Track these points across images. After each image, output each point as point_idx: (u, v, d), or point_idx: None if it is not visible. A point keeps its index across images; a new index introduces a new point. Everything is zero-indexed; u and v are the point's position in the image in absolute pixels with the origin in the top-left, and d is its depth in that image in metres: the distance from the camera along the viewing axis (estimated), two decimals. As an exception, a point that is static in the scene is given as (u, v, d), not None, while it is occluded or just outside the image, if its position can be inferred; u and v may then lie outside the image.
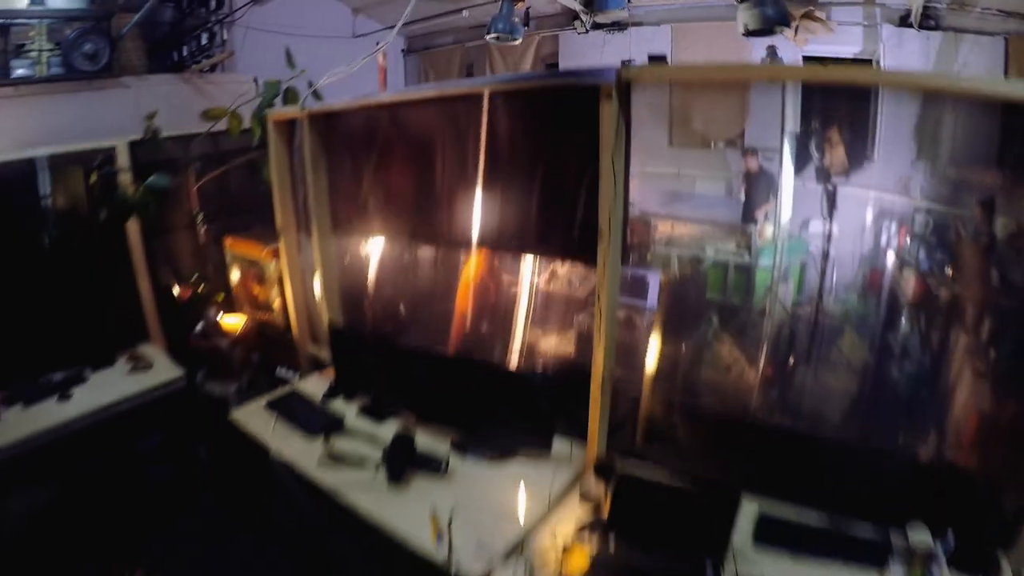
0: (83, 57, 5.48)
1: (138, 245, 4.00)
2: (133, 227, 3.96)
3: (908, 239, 2.47)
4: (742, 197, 3.42)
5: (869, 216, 2.56)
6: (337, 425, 2.66)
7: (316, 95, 3.18)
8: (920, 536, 1.62)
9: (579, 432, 2.29)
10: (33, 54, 5.52)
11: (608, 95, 1.94)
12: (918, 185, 2.50)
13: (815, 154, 2.75)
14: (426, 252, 3.42)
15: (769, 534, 1.81)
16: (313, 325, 3.54)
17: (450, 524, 1.84)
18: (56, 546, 3.24)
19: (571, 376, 2.48)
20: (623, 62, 5.43)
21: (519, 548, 1.91)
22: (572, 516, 2.02)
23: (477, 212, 2.56)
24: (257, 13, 6.19)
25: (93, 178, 3.75)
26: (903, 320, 2.46)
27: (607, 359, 2.15)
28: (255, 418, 2.78)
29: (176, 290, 4.04)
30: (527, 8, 5.80)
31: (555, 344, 2.90)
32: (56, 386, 3.40)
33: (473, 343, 3.09)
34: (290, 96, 3.39)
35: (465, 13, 6.63)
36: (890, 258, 2.57)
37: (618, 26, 5.83)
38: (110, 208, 3.73)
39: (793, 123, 2.78)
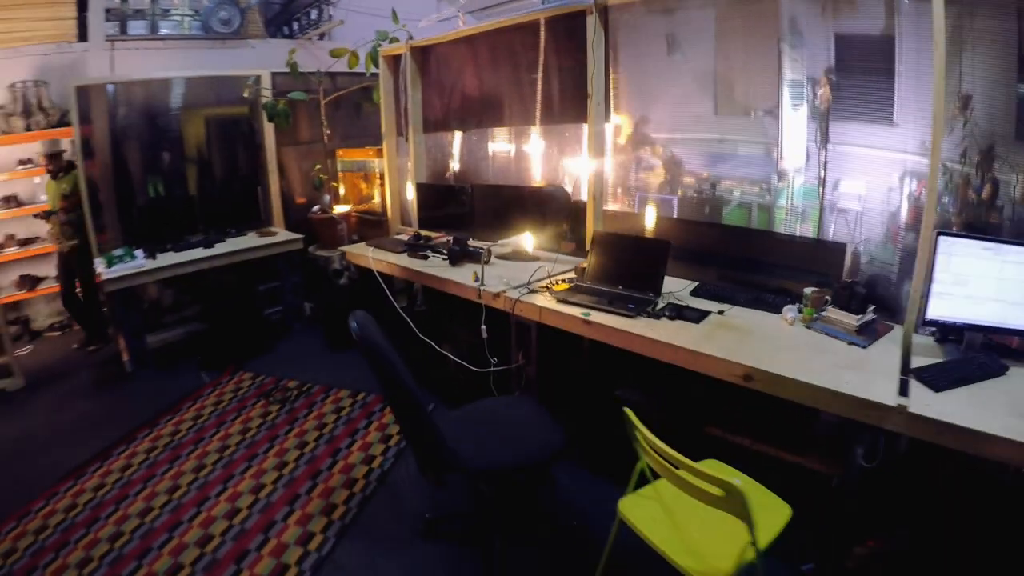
0: (219, 22, 6.97)
1: (272, 149, 5.36)
2: (269, 136, 5.32)
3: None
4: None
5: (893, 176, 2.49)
6: (419, 244, 3.86)
7: (410, 37, 4.45)
8: (814, 289, 2.38)
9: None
10: (176, 18, 7.04)
11: (591, 13, 3.01)
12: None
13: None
14: (483, 136, 4.42)
15: (701, 291, 2.92)
16: (403, 209, 4.78)
17: (482, 272, 3.04)
18: (193, 351, 4.62)
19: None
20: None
21: (526, 283, 2.99)
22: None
23: (520, 100, 3.77)
24: None
25: (247, 92, 5.09)
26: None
27: (598, 181, 3.30)
28: (361, 252, 4.00)
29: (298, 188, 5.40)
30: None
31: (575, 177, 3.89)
32: (202, 241, 4.70)
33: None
34: (392, 41, 4.66)
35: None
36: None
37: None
38: (257, 114, 5.13)
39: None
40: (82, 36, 5.99)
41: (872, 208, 2.57)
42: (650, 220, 3.20)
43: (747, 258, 2.87)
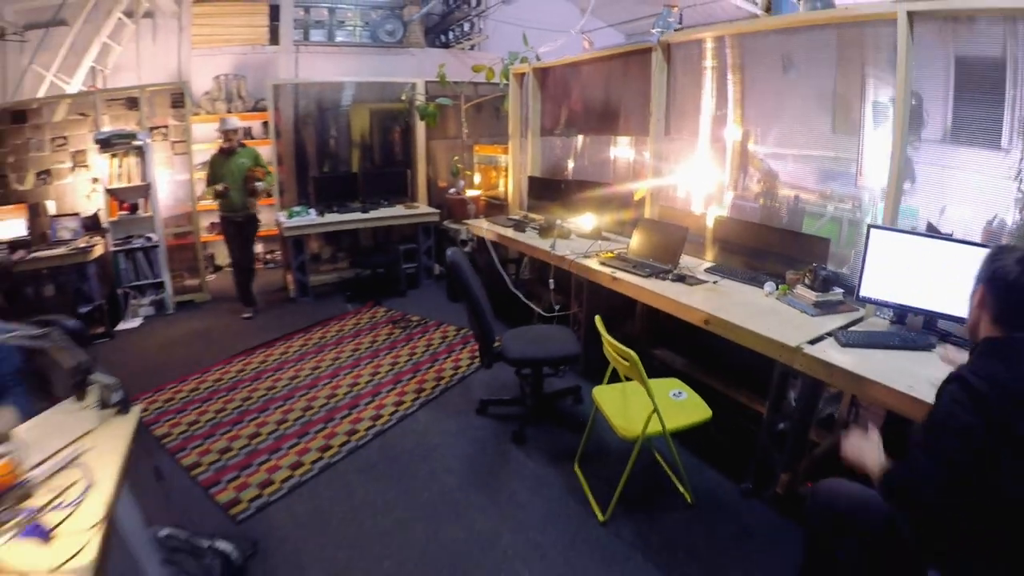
0: (385, 32, 8.50)
1: (422, 141, 6.71)
2: (420, 131, 6.65)
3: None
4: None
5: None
6: (521, 221, 4.90)
7: (538, 59, 5.49)
8: (793, 272, 3.26)
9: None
10: (349, 27, 8.66)
11: (655, 50, 3.86)
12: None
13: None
14: (605, 141, 5.27)
15: (713, 269, 3.60)
16: (520, 197, 5.86)
17: (554, 242, 4.01)
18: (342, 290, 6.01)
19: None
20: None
21: (584, 252, 3.89)
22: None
23: (608, 114, 4.67)
24: (505, 9, 8.32)
25: (404, 96, 6.46)
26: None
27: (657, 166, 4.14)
28: (481, 225, 5.13)
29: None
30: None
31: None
32: (360, 208, 6.07)
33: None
34: (522, 61, 5.73)
35: (675, 9, 8.41)
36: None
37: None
38: (412, 113, 6.47)
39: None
40: (273, 40, 7.69)
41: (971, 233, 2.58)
42: (704, 218, 3.96)
43: (763, 249, 3.55)
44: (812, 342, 2.45)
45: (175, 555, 2.29)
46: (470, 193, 6.33)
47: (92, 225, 5.46)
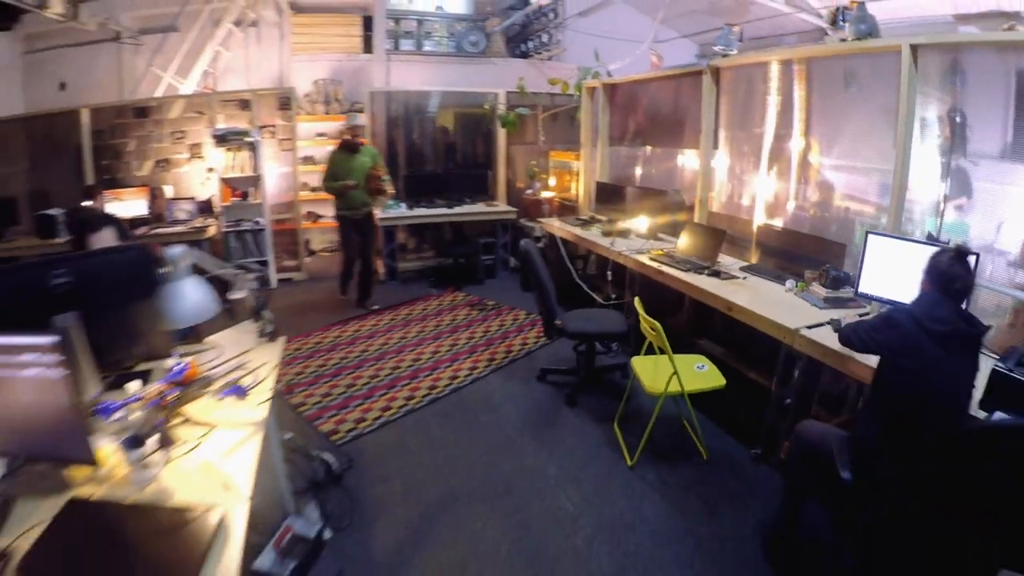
0: (469, 43, 9.27)
1: (502, 146, 7.45)
2: (501, 137, 7.39)
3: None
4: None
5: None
6: (587, 220, 5.54)
7: (609, 75, 6.10)
8: (811, 271, 3.81)
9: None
10: (436, 38, 9.46)
11: (706, 73, 4.42)
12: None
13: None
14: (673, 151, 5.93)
15: (747, 268, 4.16)
16: (589, 199, 6.49)
17: (613, 240, 4.63)
18: (426, 276, 6.76)
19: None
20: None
21: (638, 249, 4.51)
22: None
23: (668, 127, 5.22)
24: (582, 21, 8.81)
25: (487, 105, 7.21)
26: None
27: (703, 188, 4.68)
28: (552, 223, 5.81)
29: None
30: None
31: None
32: (445, 204, 6.84)
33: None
34: (594, 75, 6.35)
35: (740, 26, 8.74)
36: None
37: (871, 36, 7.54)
38: (493, 120, 7.21)
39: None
40: (366, 49, 8.57)
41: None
42: (750, 224, 4.49)
43: (794, 252, 4.02)
44: (811, 327, 2.97)
45: (292, 454, 3.05)
46: (545, 194, 7.00)
47: (205, 208, 6.43)
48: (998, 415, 2.16)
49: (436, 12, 9.52)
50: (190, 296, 1.96)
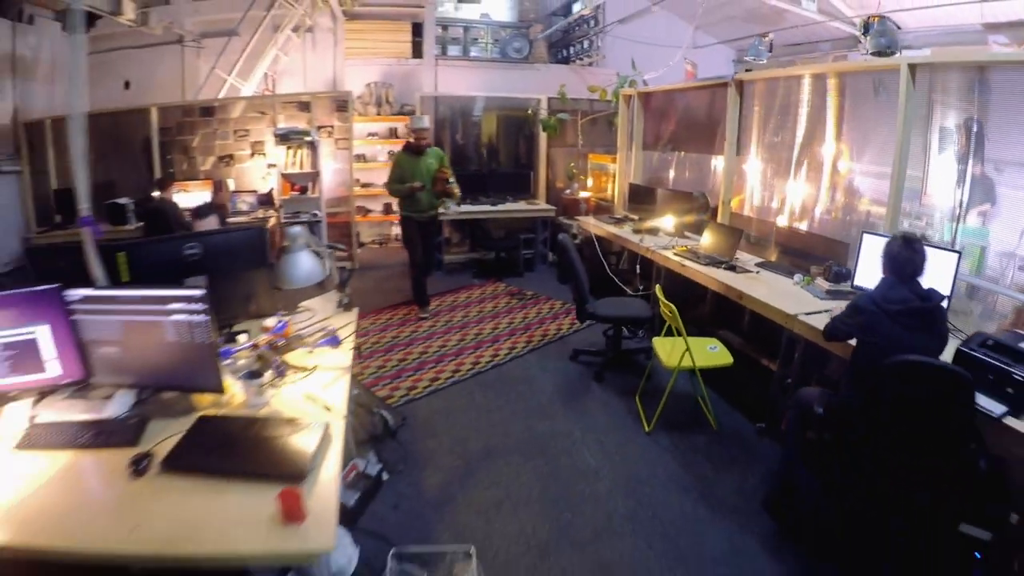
0: (513, 49, 9.77)
1: (543, 148, 7.95)
2: (542, 140, 7.89)
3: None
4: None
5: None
6: (620, 219, 6.01)
7: (645, 83, 6.53)
8: (817, 267, 4.19)
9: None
10: (481, 44, 9.99)
11: (730, 85, 4.86)
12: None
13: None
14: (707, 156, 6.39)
15: (762, 264, 4.56)
16: (623, 200, 6.94)
17: (642, 237, 5.08)
18: (469, 268, 7.30)
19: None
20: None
21: (664, 245, 4.97)
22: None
23: (697, 134, 5.64)
24: (622, 28, 9.21)
25: (530, 112, 7.72)
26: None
27: (726, 192, 5.10)
28: (588, 221, 6.29)
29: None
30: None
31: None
32: (489, 201, 7.38)
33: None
34: (631, 84, 6.79)
35: (771, 36, 9.01)
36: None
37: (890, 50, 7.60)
38: (535, 123, 7.72)
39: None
40: (415, 54, 9.17)
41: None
42: (771, 224, 4.89)
43: (806, 251, 4.45)
44: (808, 314, 3.38)
45: (356, 409, 3.58)
46: (582, 194, 7.48)
47: (265, 201, 7.05)
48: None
49: (482, 19, 10.08)
50: (304, 264, 2.52)
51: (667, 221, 5.37)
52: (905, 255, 2.46)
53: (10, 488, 1.63)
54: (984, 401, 2.37)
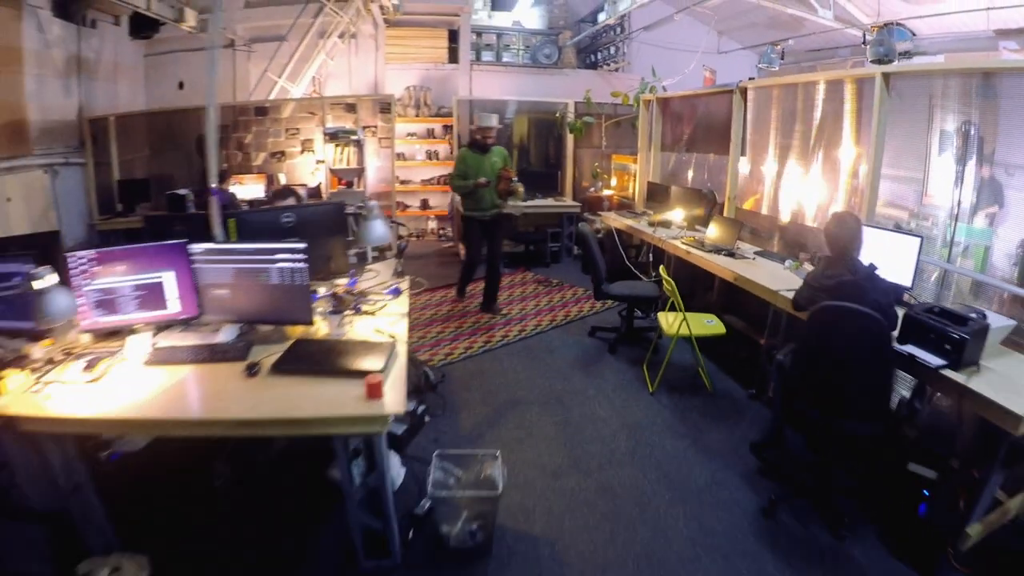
0: (543, 55, 10.37)
1: (570, 149, 8.57)
2: (569, 141, 8.51)
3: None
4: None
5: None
6: (638, 214, 6.60)
7: (664, 89, 7.10)
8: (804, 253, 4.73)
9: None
10: (513, 50, 10.60)
11: (735, 92, 5.40)
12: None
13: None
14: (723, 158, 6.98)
15: (759, 253, 5.12)
16: (642, 197, 7.51)
17: (656, 228, 5.66)
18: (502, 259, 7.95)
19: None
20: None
21: (674, 236, 5.55)
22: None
23: (707, 136, 6.19)
24: (647, 34, 9.64)
25: (558, 115, 8.35)
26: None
27: (732, 188, 5.64)
28: (609, 216, 6.88)
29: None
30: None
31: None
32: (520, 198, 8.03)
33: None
34: (651, 90, 7.35)
35: (783, 44, 9.38)
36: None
37: (906, 55, 7.45)
38: (563, 128, 8.34)
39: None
40: (451, 59, 9.84)
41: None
42: (776, 219, 5.43)
43: (798, 241, 4.98)
44: (789, 290, 3.90)
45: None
46: (605, 192, 8.07)
47: (315, 194, 7.68)
48: (909, 347, 3.07)
49: (514, 27, 10.71)
50: (378, 229, 3.20)
51: (678, 215, 5.93)
52: (834, 233, 2.98)
53: (148, 389, 2.29)
54: (927, 356, 2.88)
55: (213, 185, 3.11)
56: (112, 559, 2.36)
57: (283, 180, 7.82)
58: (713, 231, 5.29)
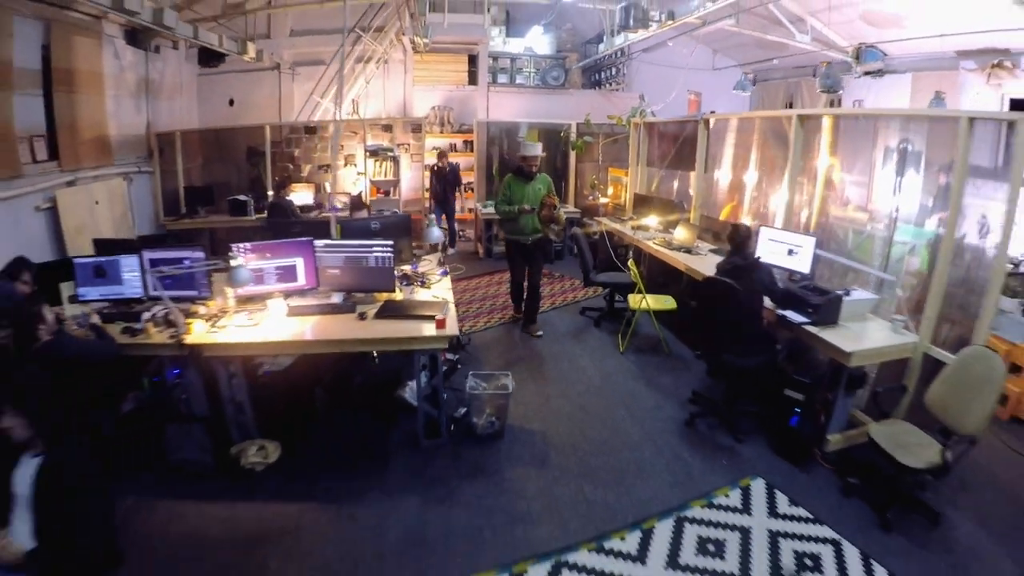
0: (551, 77, 11.89)
1: (573, 163, 10.09)
2: (572, 156, 10.03)
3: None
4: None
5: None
6: (626, 219, 8.11)
7: (652, 113, 8.58)
8: None
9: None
10: (526, 72, 12.11)
11: (701, 123, 6.89)
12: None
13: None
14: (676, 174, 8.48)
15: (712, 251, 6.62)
16: (631, 204, 9.01)
17: (636, 230, 7.17)
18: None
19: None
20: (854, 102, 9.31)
21: (648, 236, 7.07)
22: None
23: (679, 155, 7.68)
24: (646, 54, 11.16)
25: (563, 135, 9.88)
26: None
27: (698, 197, 7.14)
28: (602, 220, 8.40)
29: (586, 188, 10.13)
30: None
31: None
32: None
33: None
34: (641, 114, 8.84)
35: (775, 61, 10.55)
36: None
37: (879, 72, 8.68)
38: (566, 145, 9.88)
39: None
40: (471, 81, 11.37)
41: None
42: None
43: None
44: (722, 277, 5.43)
45: None
46: (601, 200, 9.59)
47: (356, 201, 9.10)
48: (788, 312, 4.52)
49: (526, 52, 12.24)
50: (435, 233, 4.79)
51: (654, 220, 7.44)
52: (731, 234, 4.48)
53: (293, 329, 3.84)
54: (796, 316, 4.33)
55: (329, 205, 4.66)
56: (256, 442, 3.89)
57: (328, 188, 9.31)
58: (680, 233, 6.79)
